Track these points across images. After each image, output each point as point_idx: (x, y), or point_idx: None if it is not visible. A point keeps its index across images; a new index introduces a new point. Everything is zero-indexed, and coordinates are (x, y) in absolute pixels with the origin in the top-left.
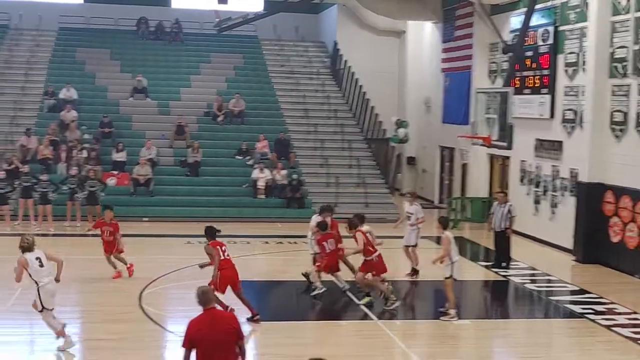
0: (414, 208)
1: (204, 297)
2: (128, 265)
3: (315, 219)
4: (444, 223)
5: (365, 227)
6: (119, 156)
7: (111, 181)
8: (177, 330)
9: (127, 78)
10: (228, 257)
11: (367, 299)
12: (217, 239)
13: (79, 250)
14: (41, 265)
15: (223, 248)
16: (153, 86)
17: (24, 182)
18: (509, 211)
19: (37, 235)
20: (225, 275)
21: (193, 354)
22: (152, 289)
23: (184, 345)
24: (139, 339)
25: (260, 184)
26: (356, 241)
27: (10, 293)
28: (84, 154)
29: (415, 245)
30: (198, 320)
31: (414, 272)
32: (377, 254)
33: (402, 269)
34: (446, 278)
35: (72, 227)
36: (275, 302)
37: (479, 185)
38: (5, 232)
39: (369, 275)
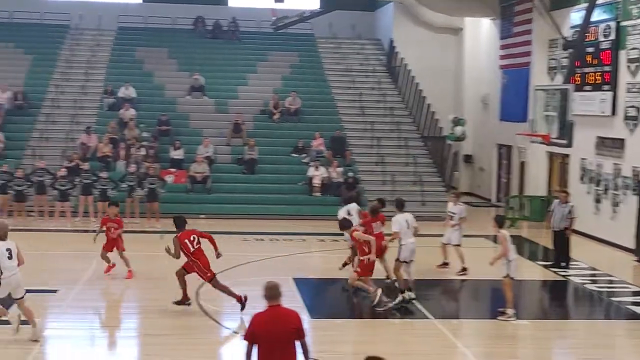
0: (458, 208)
1: (270, 293)
2: (111, 265)
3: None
4: (499, 222)
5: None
6: (177, 154)
7: (169, 179)
8: (233, 326)
9: (185, 76)
10: (198, 247)
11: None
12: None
13: (138, 247)
14: (10, 257)
15: (192, 238)
16: (210, 84)
17: (84, 179)
18: (570, 212)
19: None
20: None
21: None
22: (208, 286)
23: (245, 338)
24: (195, 335)
25: (316, 181)
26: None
27: (71, 288)
28: (142, 151)
29: (458, 245)
30: (262, 315)
31: (464, 270)
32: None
33: (452, 267)
34: (504, 277)
35: (131, 224)
36: (331, 299)
37: (537, 184)
38: (66, 229)
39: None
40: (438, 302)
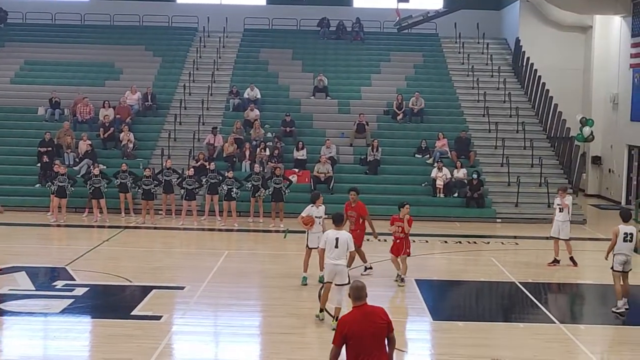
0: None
1: (357, 293)
2: None
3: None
4: (625, 216)
5: None
6: (300, 154)
7: (292, 179)
8: None
9: (309, 77)
10: None
11: None
12: None
13: (262, 246)
14: None
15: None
16: (334, 85)
17: (210, 179)
18: None
19: (222, 230)
20: None
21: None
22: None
23: (334, 343)
24: (318, 335)
25: (439, 182)
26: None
27: (197, 285)
28: (267, 151)
29: (568, 239)
30: (350, 317)
31: (556, 262)
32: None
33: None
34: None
35: (255, 223)
36: (453, 301)
37: None
38: (193, 227)
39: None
40: (563, 306)
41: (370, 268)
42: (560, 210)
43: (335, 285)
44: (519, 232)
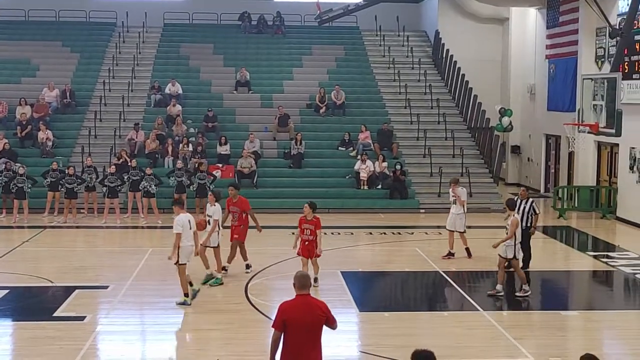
0: (459, 191)
1: (301, 282)
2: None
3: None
4: (511, 205)
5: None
6: (223, 149)
7: (216, 174)
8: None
9: (230, 72)
10: None
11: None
12: None
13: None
14: None
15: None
16: (256, 79)
17: (132, 176)
18: (532, 208)
19: (145, 228)
20: None
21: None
22: (257, 280)
23: (275, 327)
24: (245, 329)
25: (363, 175)
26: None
27: (121, 284)
28: (190, 147)
29: (463, 232)
30: (292, 303)
31: (450, 254)
32: None
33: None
34: (511, 259)
35: None
36: (379, 292)
37: (586, 174)
38: (116, 225)
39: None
40: (485, 294)
41: (250, 267)
42: (455, 202)
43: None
44: (442, 222)
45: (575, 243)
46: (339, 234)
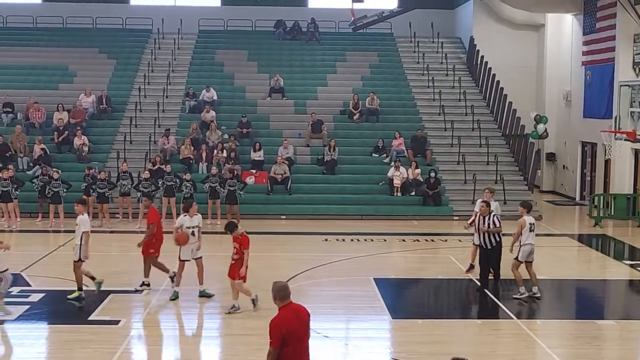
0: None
1: (282, 293)
2: None
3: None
4: (527, 207)
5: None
6: (257, 155)
7: (250, 180)
8: (315, 327)
9: (264, 78)
10: None
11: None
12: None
13: (222, 247)
14: None
15: None
16: (290, 86)
17: (166, 181)
18: (493, 222)
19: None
20: None
21: None
22: (291, 286)
23: (274, 345)
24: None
25: (397, 181)
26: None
27: (156, 289)
28: (224, 153)
29: None
30: (283, 317)
31: (472, 267)
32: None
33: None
34: (513, 259)
35: (212, 225)
36: (412, 299)
37: (622, 181)
38: None
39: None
40: (520, 302)
41: (148, 285)
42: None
43: None
44: None
45: (612, 252)
46: (372, 240)
